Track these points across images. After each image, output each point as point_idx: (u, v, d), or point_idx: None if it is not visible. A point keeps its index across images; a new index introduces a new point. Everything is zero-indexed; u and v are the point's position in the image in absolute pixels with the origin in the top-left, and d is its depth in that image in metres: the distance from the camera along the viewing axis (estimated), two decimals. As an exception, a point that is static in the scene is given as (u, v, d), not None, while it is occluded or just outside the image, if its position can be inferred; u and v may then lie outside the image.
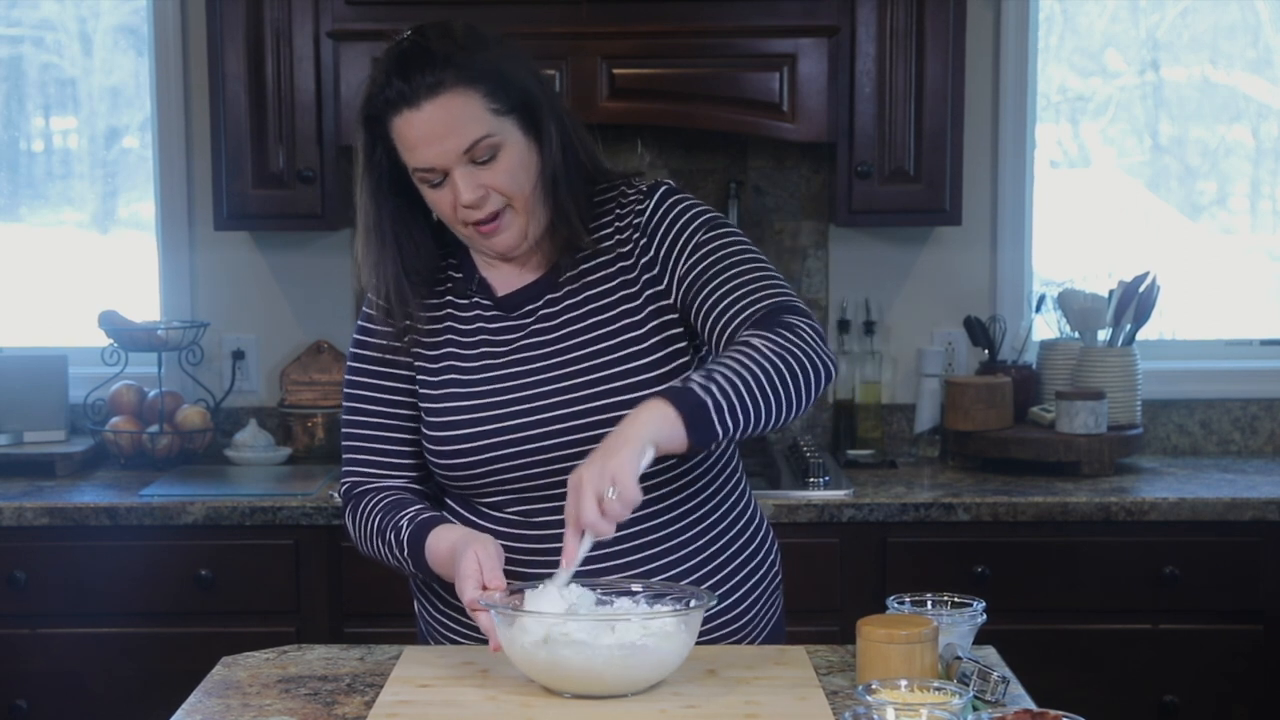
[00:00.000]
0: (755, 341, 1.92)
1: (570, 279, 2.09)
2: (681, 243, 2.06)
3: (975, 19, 3.77)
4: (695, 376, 1.88)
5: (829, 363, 1.95)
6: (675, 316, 2.07)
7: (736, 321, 1.98)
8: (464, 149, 1.98)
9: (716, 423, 1.85)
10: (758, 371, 1.88)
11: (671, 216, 2.08)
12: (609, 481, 1.80)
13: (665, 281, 2.07)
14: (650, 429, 1.83)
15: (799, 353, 1.92)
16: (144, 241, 4.01)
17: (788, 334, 1.94)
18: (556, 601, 1.85)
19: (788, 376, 1.90)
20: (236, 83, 3.54)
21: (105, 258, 4.07)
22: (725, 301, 2.00)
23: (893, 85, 3.53)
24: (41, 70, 4.06)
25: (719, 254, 2.04)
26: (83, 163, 4.08)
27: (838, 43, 3.50)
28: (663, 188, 2.11)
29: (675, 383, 1.90)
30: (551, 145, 2.03)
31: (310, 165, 3.55)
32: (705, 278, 2.03)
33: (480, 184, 2.00)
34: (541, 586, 1.87)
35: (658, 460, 1.88)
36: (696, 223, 2.08)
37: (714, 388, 1.85)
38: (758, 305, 1.98)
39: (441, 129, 1.97)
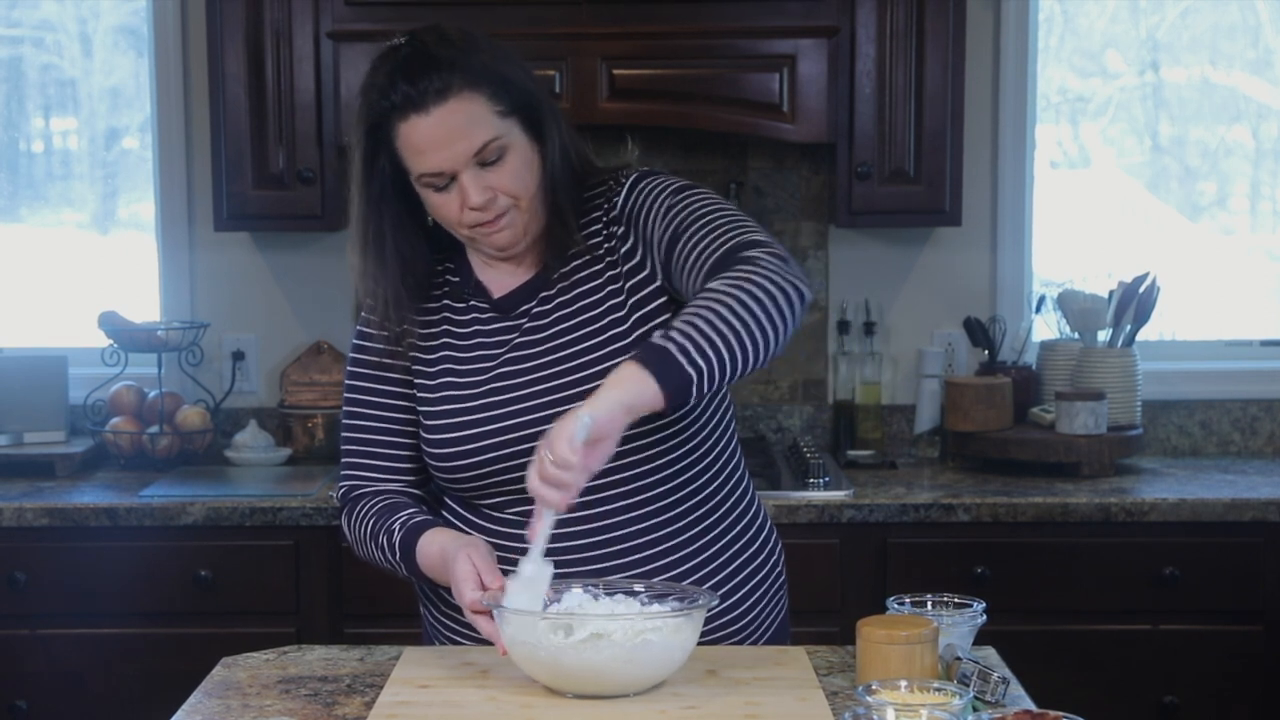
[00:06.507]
0: (713, 285, 1.90)
1: (562, 276, 2.09)
2: (653, 216, 2.04)
3: (975, 19, 3.77)
4: (656, 333, 1.87)
5: (796, 284, 1.90)
6: (663, 301, 2.05)
7: (702, 271, 1.95)
8: (474, 152, 1.97)
9: (686, 365, 1.81)
10: (718, 308, 1.85)
11: (640, 196, 2.07)
12: (544, 448, 1.79)
13: (649, 263, 2.06)
14: (607, 394, 1.81)
15: (760, 280, 1.88)
16: (144, 242, 4.01)
17: (745, 266, 1.90)
18: (531, 584, 1.86)
19: (753, 306, 1.86)
20: (236, 83, 3.54)
21: (105, 258, 4.07)
22: (692, 256, 1.98)
23: (892, 86, 3.53)
24: (41, 71, 4.06)
25: (684, 212, 2.02)
26: (83, 163, 4.08)
27: (837, 43, 3.50)
28: (635, 174, 2.10)
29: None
30: (554, 145, 2.03)
31: (310, 166, 3.55)
32: (675, 238, 2.01)
33: (488, 186, 2.00)
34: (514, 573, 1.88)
35: (650, 420, 1.92)
36: (665, 192, 2.06)
37: (673, 333, 1.83)
38: (716, 249, 1.95)
39: (451, 134, 1.96)
